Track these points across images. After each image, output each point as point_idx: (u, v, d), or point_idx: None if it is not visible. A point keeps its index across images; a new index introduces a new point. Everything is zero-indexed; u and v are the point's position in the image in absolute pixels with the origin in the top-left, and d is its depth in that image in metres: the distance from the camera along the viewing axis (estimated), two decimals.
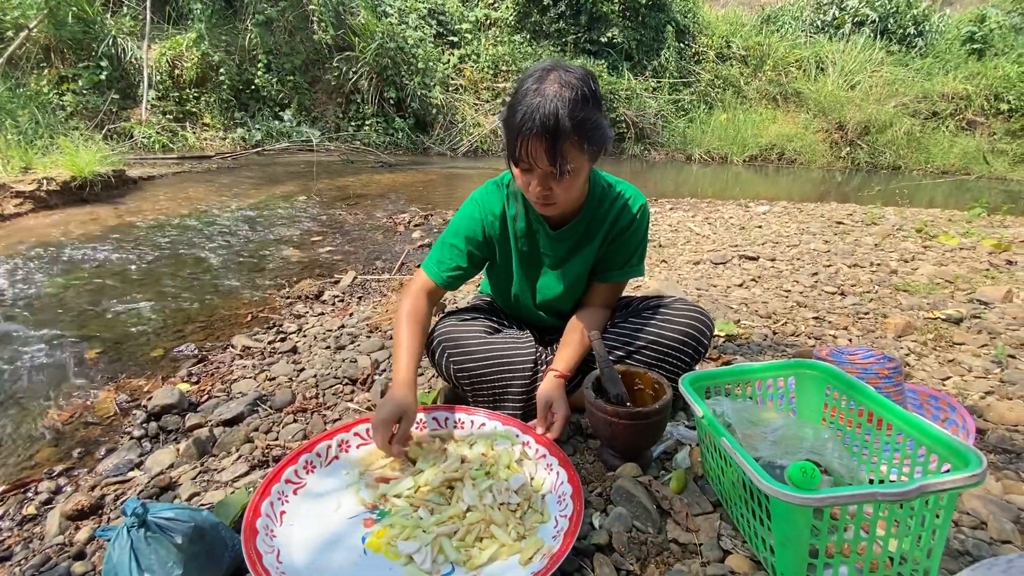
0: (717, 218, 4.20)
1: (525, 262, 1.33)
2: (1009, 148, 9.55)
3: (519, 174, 1.09)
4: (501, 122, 1.11)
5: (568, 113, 0.98)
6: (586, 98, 1.01)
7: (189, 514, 0.85)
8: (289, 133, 7.35)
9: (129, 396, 1.63)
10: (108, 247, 3.04)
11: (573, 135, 1.00)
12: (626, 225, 1.27)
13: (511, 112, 1.03)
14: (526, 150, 1.02)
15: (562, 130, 0.98)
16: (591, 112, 1.03)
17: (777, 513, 0.77)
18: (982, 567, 0.72)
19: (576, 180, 1.09)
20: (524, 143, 1.01)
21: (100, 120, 6.31)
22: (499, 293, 1.45)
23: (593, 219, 1.27)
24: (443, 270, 1.27)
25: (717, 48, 10.54)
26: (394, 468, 1.11)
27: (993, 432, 1.30)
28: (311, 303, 2.38)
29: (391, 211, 4.31)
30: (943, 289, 2.42)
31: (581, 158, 1.05)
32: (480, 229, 1.27)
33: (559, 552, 0.86)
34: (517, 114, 1.00)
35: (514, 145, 1.03)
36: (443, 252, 1.28)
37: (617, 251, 1.30)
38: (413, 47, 7.94)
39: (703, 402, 0.99)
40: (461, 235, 1.27)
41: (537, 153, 1.01)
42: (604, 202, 1.26)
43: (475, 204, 1.28)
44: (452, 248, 1.27)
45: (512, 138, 1.03)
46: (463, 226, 1.27)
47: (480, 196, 1.29)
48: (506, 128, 1.06)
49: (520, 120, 1.00)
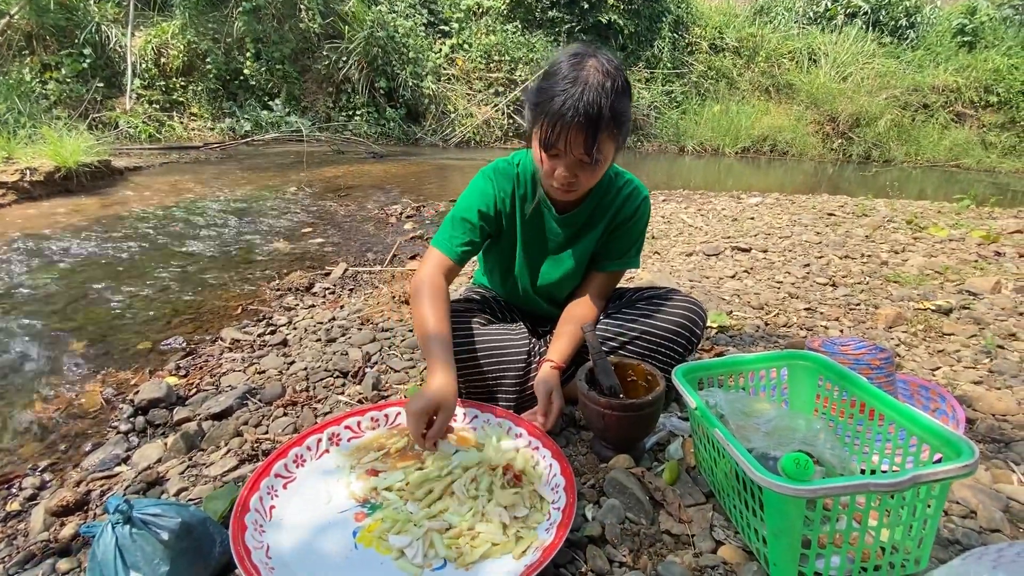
0: (710, 210, 4.20)
1: (529, 243, 1.32)
2: (998, 140, 9.63)
3: (545, 159, 1.07)
4: (531, 104, 1.06)
5: (610, 103, 0.97)
6: (623, 88, 1.01)
7: (176, 510, 0.84)
8: (278, 123, 7.24)
9: (116, 390, 1.60)
10: (94, 239, 2.99)
11: (611, 126, 1.00)
12: (628, 216, 1.28)
13: (546, 96, 1.00)
14: (563, 138, 1.00)
15: (603, 120, 0.98)
16: (626, 103, 1.03)
17: (770, 504, 0.77)
18: (972, 556, 0.72)
19: (602, 169, 1.09)
20: (563, 130, 0.99)
21: (84, 109, 6.19)
22: (498, 273, 1.44)
23: (599, 206, 1.27)
24: (456, 245, 1.23)
25: (710, 39, 10.50)
26: (385, 461, 1.10)
27: (982, 422, 1.31)
28: (301, 295, 2.36)
29: (383, 202, 4.27)
30: (933, 280, 2.44)
31: (611, 147, 1.06)
32: (493, 204, 1.25)
33: (552, 545, 0.85)
34: (556, 99, 0.98)
35: (550, 131, 1.01)
36: (455, 227, 1.24)
37: (617, 241, 1.31)
38: (404, 36, 7.84)
39: (696, 393, 0.99)
40: (474, 209, 1.23)
41: (575, 141, 1.00)
42: (610, 191, 1.27)
43: (488, 180, 1.26)
44: (464, 223, 1.24)
45: (549, 123, 1.00)
46: (476, 200, 1.24)
47: (492, 172, 1.27)
48: (539, 112, 1.03)
49: (561, 107, 0.97)
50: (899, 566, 0.81)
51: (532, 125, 1.07)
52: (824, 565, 0.80)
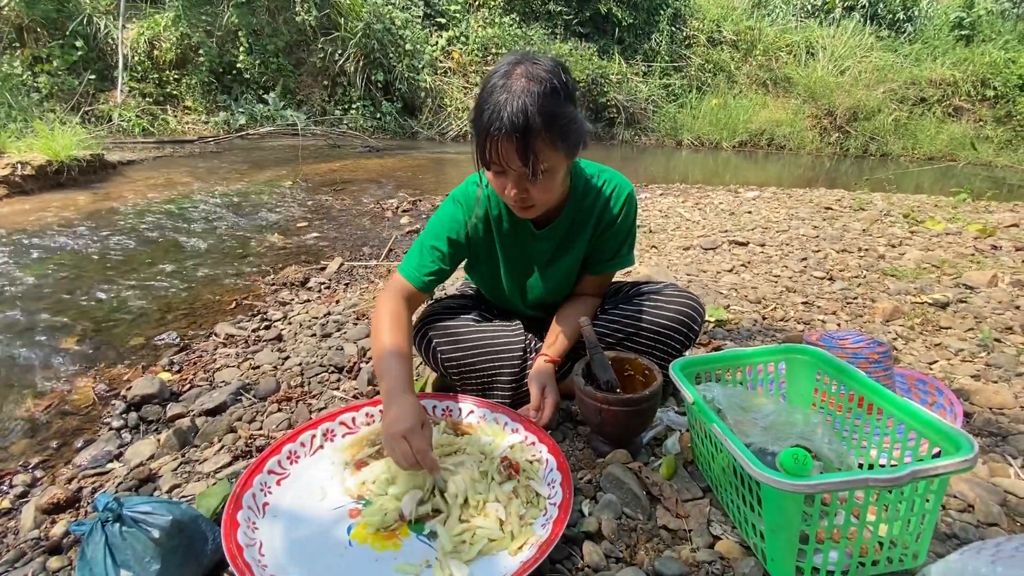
0: (707, 204, 4.19)
1: (512, 264, 1.27)
2: (994, 134, 9.63)
3: (492, 177, 1.03)
4: (470, 123, 1.02)
5: (538, 109, 0.91)
6: (556, 91, 0.94)
7: (167, 507, 0.83)
8: (273, 117, 7.18)
9: (108, 385, 1.59)
10: (86, 233, 2.96)
11: (544, 132, 0.93)
12: (613, 219, 1.22)
13: (477, 111, 0.96)
14: (496, 151, 0.95)
15: (532, 128, 0.91)
16: (563, 106, 0.96)
17: (768, 499, 0.77)
18: (971, 550, 0.72)
19: (553, 180, 1.02)
20: (493, 144, 0.95)
21: (76, 102, 6.12)
22: (484, 286, 1.40)
23: (578, 215, 1.22)
24: (423, 274, 1.18)
25: (708, 32, 10.45)
26: (377, 456, 1.09)
27: (980, 415, 1.31)
28: (296, 290, 2.34)
29: (379, 196, 4.24)
30: (930, 274, 2.43)
31: (556, 156, 0.99)
32: (463, 231, 1.19)
33: (548, 540, 0.85)
34: (484, 113, 0.94)
35: (483, 147, 0.97)
36: (423, 255, 1.19)
37: (606, 244, 1.26)
38: (400, 29, 7.78)
39: (694, 388, 0.98)
40: (443, 237, 1.18)
41: (508, 154, 0.95)
42: (588, 195, 1.21)
43: (457, 205, 1.20)
44: (433, 251, 1.18)
45: (480, 139, 0.97)
46: (445, 227, 1.19)
47: (461, 196, 1.20)
48: (474, 129, 0.99)
49: (487, 119, 0.93)
50: (897, 561, 0.80)
51: (476, 146, 1.01)
52: (822, 560, 0.79)
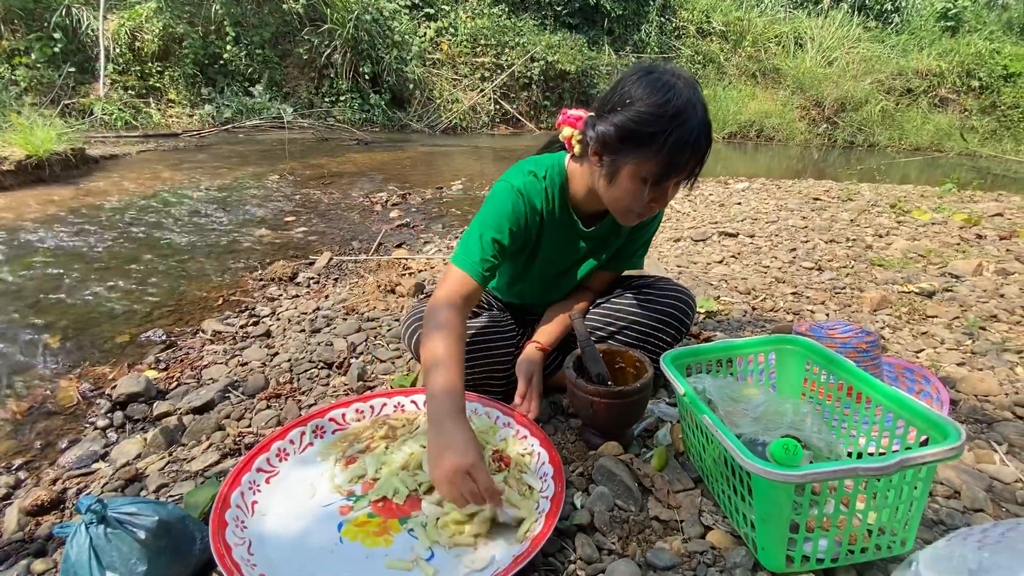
0: (697, 195, 4.20)
1: (549, 259, 1.25)
2: (979, 125, 9.74)
3: (639, 187, 0.99)
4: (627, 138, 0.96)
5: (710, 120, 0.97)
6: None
7: (153, 508, 0.81)
8: (260, 110, 7.07)
9: (93, 384, 1.56)
10: (68, 230, 2.90)
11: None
12: (648, 221, 1.22)
13: (655, 129, 0.93)
14: (685, 169, 0.97)
15: (711, 143, 0.97)
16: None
17: (759, 490, 0.77)
18: (957, 537, 0.73)
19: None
20: (684, 163, 0.95)
21: (56, 96, 5.98)
22: (508, 282, 1.36)
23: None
24: (485, 269, 1.08)
25: (697, 23, 10.44)
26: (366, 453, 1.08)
27: (965, 402, 1.32)
28: (285, 285, 2.31)
29: (368, 190, 4.20)
30: (916, 263, 2.46)
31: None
32: (524, 223, 1.13)
33: (540, 534, 0.84)
34: (673, 134, 0.92)
35: (666, 165, 0.95)
36: (483, 247, 1.09)
37: (631, 242, 1.29)
38: (388, 19, 7.68)
39: (684, 380, 0.98)
40: (505, 229, 1.10)
41: (690, 167, 0.98)
42: None
43: (519, 195, 1.12)
44: (495, 243, 1.09)
45: (667, 159, 0.94)
46: (508, 219, 1.11)
47: (522, 186, 1.13)
48: (648, 148, 0.94)
49: (682, 141, 0.92)
50: (885, 548, 0.81)
51: (627, 160, 0.97)
52: (812, 548, 0.80)
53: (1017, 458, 1.12)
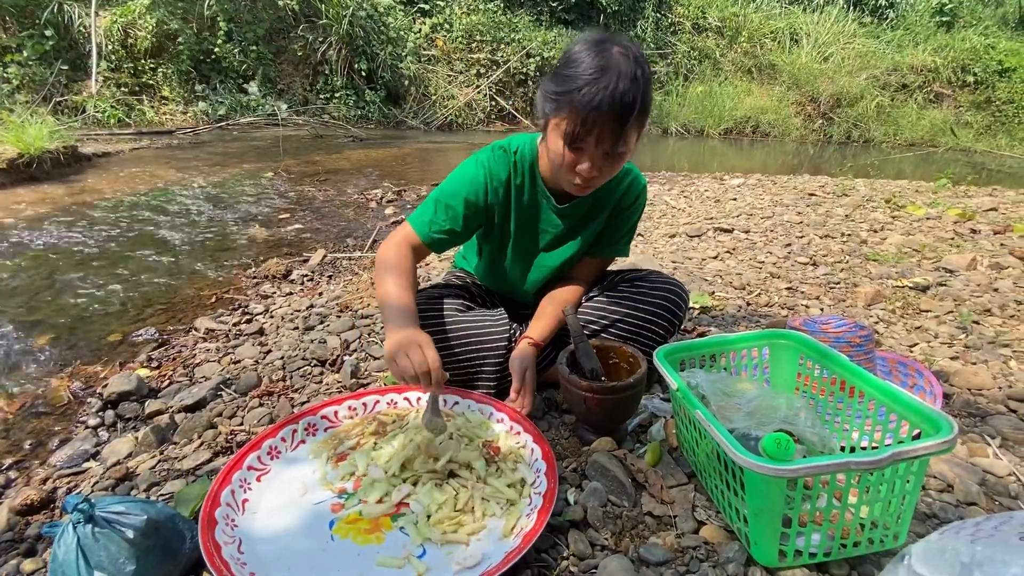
0: (693, 191, 4.19)
1: (522, 236, 1.26)
2: (974, 120, 9.76)
3: (567, 152, 1.00)
4: (552, 95, 0.98)
5: (640, 93, 0.92)
6: (648, 76, 0.96)
7: (141, 507, 0.81)
8: (254, 107, 7.03)
9: (84, 383, 1.55)
10: (60, 228, 2.87)
11: (641, 116, 0.95)
12: (629, 203, 1.24)
13: (572, 86, 0.93)
14: (593, 130, 0.95)
15: (635, 111, 0.93)
16: (651, 91, 0.98)
17: (751, 484, 0.77)
18: (950, 531, 0.72)
19: (622, 163, 1.05)
20: (595, 123, 0.93)
21: (48, 93, 5.93)
22: (484, 263, 1.38)
23: (601, 195, 1.22)
24: (434, 230, 1.16)
25: (693, 19, 10.42)
26: (363, 442, 1.08)
27: (959, 396, 1.32)
28: (279, 283, 2.30)
29: (362, 187, 4.18)
30: (910, 258, 2.46)
31: (634, 141, 1.01)
32: (483, 194, 1.16)
33: (532, 530, 0.84)
34: (585, 91, 0.91)
35: (579, 124, 0.94)
36: (437, 211, 1.15)
37: (613, 229, 1.28)
38: (383, 15, 7.63)
39: (677, 375, 0.98)
40: (460, 197, 1.15)
41: (605, 134, 0.95)
42: (612, 179, 1.19)
43: (480, 166, 1.17)
44: (448, 209, 1.15)
45: (579, 116, 0.94)
46: (465, 188, 1.15)
47: (486, 159, 1.17)
48: (563, 104, 0.95)
49: (587, 95, 0.91)
50: (878, 542, 0.81)
51: (551, 117, 1.00)
52: (804, 543, 0.80)
53: (1011, 452, 1.12)
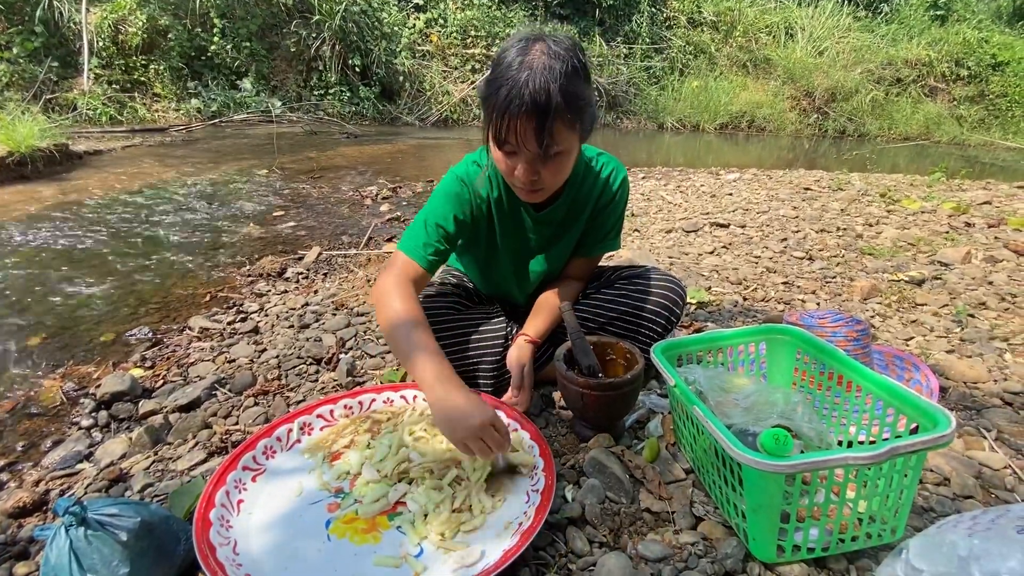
0: (689, 186, 4.19)
1: (511, 246, 1.25)
2: (968, 113, 9.80)
3: (502, 158, 0.99)
4: (480, 99, 0.97)
5: (559, 88, 0.88)
6: (576, 71, 0.92)
7: (135, 509, 0.80)
8: (248, 103, 6.98)
9: (77, 384, 1.53)
10: (52, 227, 2.85)
11: (565, 113, 0.90)
12: (609, 199, 1.23)
13: (492, 88, 0.92)
14: (513, 131, 0.91)
15: (554, 108, 0.88)
16: (582, 86, 0.93)
17: (749, 480, 0.76)
18: (948, 524, 0.73)
19: (565, 163, 1.00)
20: (511, 123, 0.90)
21: (38, 90, 5.87)
22: (475, 269, 1.38)
23: (577, 198, 1.21)
24: (429, 253, 1.12)
25: (688, 13, 10.39)
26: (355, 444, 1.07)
27: (955, 390, 1.33)
28: (273, 281, 2.28)
29: (358, 184, 4.16)
30: (906, 252, 2.47)
31: (571, 138, 0.96)
32: (468, 210, 1.15)
33: (531, 527, 0.84)
34: (501, 90, 0.89)
35: (498, 125, 0.92)
36: (428, 233, 1.13)
37: (599, 226, 1.26)
38: (377, 10, 7.58)
39: (675, 371, 0.97)
40: (449, 216, 1.13)
41: (525, 134, 0.91)
42: (587, 179, 1.20)
43: (461, 183, 1.15)
44: (439, 229, 1.12)
45: (495, 117, 0.92)
46: (452, 206, 1.14)
47: (464, 173, 1.16)
48: (486, 106, 0.95)
49: (505, 97, 0.89)
50: (876, 536, 0.81)
51: (486, 123, 0.98)
52: (803, 538, 0.80)
53: (1007, 444, 1.12)
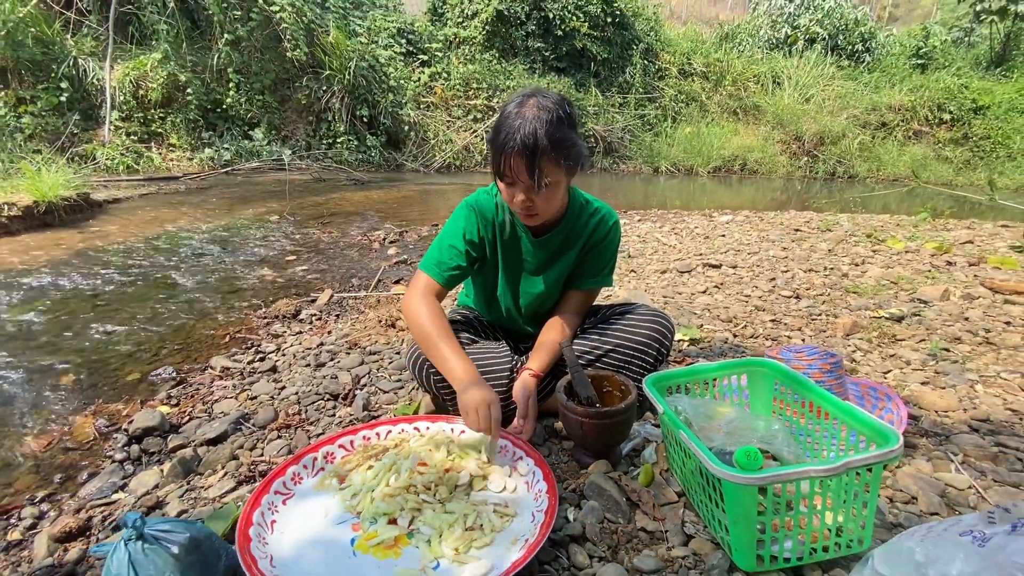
0: (683, 228, 4.37)
1: (509, 265, 1.44)
2: (953, 155, 10.17)
3: (504, 188, 1.23)
4: (488, 142, 1.25)
5: (545, 133, 1.12)
6: (561, 119, 1.16)
7: (184, 526, 0.90)
8: (259, 152, 7.31)
9: (108, 420, 1.63)
10: (75, 272, 3.00)
11: (551, 152, 1.14)
12: (600, 238, 1.41)
13: (496, 132, 1.18)
14: (509, 166, 1.16)
15: (540, 147, 1.12)
16: (566, 132, 1.17)
17: (728, 494, 0.86)
18: (907, 533, 0.83)
19: (555, 193, 1.23)
20: (507, 159, 1.15)
21: (62, 143, 6.18)
22: (482, 295, 1.54)
23: (572, 231, 1.40)
24: (444, 269, 1.34)
25: (679, 64, 10.96)
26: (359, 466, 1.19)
27: (927, 417, 1.43)
28: (288, 322, 2.41)
29: (365, 228, 4.35)
30: (888, 290, 2.60)
31: (558, 172, 1.19)
32: (476, 230, 1.36)
33: (535, 542, 0.93)
34: (501, 135, 1.16)
35: (498, 161, 1.18)
36: (443, 253, 1.35)
37: (591, 262, 1.43)
38: (384, 66, 8.03)
39: (664, 400, 1.09)
40: (460, 235, 1.35)
41: (518, 168, 1.15)
42: (582, 216, 1.40)
43: (471, 208, 1.37)
44: (452, 249, 1.35)
45: (496, 155, 1.18)
46: (461, 227, 1.36)
47: (474, 201, 1.39)
48: (491, 147, 1.21)
49: (503, 139, 1.15)
50: (845, 546, 0.90)
51: (491, 160, 1.22)
52: (779, 548, 0.89)
53: (971, 467, 1.22)
